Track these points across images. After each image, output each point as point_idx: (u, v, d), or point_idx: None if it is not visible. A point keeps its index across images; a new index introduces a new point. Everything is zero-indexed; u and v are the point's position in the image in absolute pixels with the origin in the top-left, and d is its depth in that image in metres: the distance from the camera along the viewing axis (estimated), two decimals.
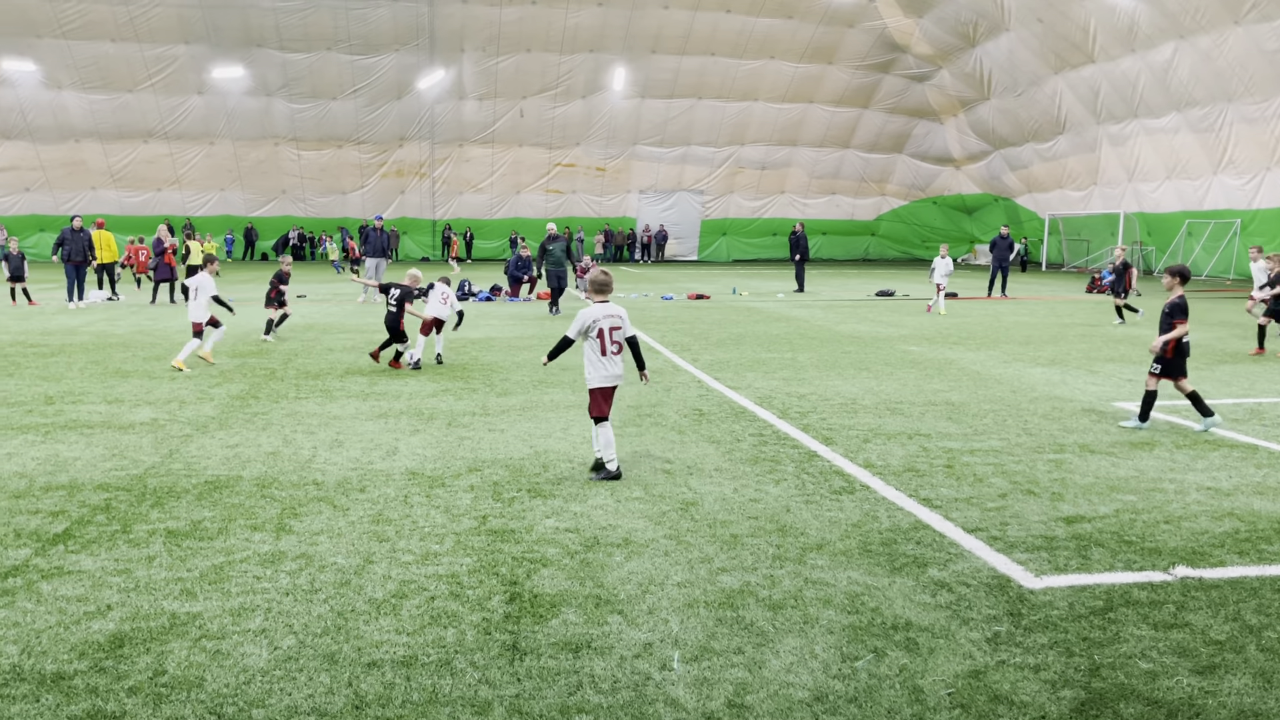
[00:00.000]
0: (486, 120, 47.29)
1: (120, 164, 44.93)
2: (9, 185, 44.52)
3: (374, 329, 17.87)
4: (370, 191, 48.26)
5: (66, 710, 3.90)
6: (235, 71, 42.96)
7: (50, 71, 41.44)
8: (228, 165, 46.37)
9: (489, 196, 49.86)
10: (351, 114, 45.53)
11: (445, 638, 4.62)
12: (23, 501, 6.81)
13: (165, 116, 43.82)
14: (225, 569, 5.52)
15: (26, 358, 13.84)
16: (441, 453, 8.43)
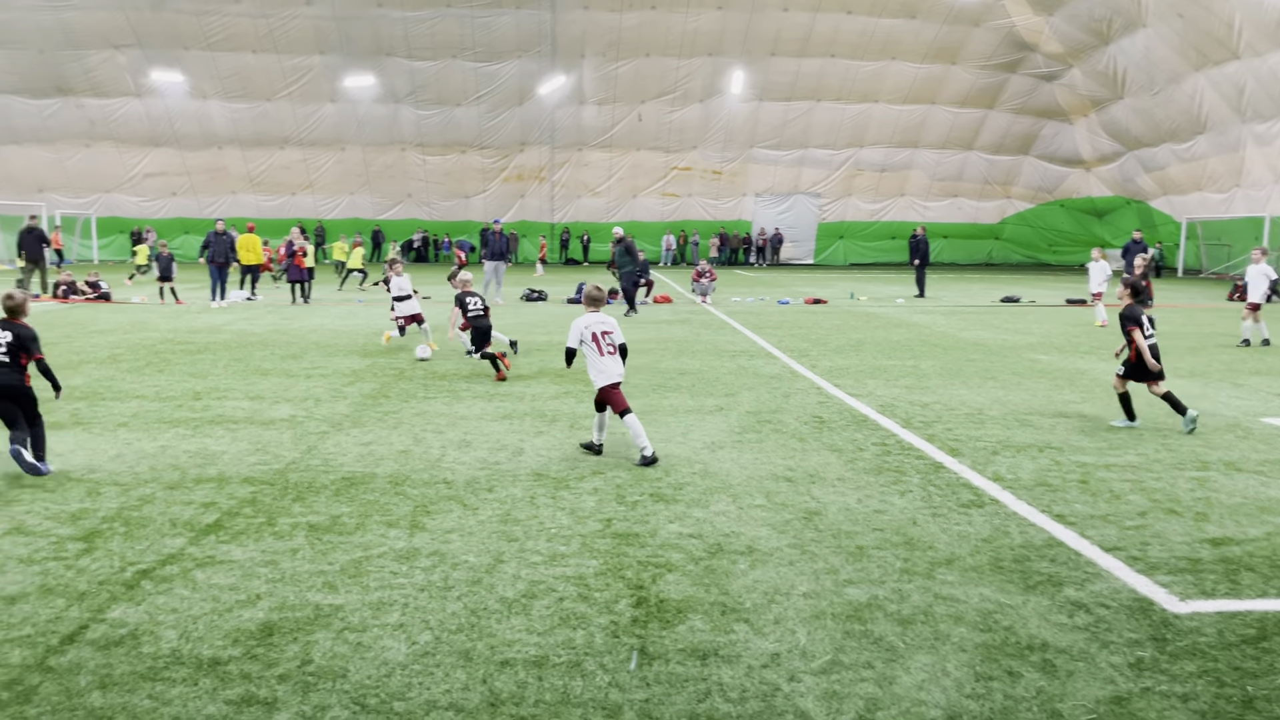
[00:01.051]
0: (605, 125, 47.82)
1: (258, 169, 47.13)
2: (158, 190, 47.21)
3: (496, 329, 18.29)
4: (492, 195, 49.35)
5: (223, 694, 4.13)
6: (366, 80, 44.53)
7: (196, 82, 43.74)
8: (357, 170, 48.10)
9: (606, 200, 50.39)
10: (475, 120, 46.65)
11: (575, 639, 4.71)
12: (177, 493, 7.22)
13: (300, 124, 45.73)
14: (363, 563, 5.75)
15: (175, 354, 14.65)
16: (565, 455, 8.57)
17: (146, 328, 18.36)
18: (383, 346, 15.95)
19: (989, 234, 53.46)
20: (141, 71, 43.21)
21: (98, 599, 5.13)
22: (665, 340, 17.24)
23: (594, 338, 8.35)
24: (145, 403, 10.75)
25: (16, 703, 4.01)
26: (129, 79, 43.47)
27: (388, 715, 3.97)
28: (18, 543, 6.00)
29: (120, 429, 9.41)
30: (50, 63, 42.42)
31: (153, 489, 7.29)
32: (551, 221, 50.36)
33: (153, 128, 45.11)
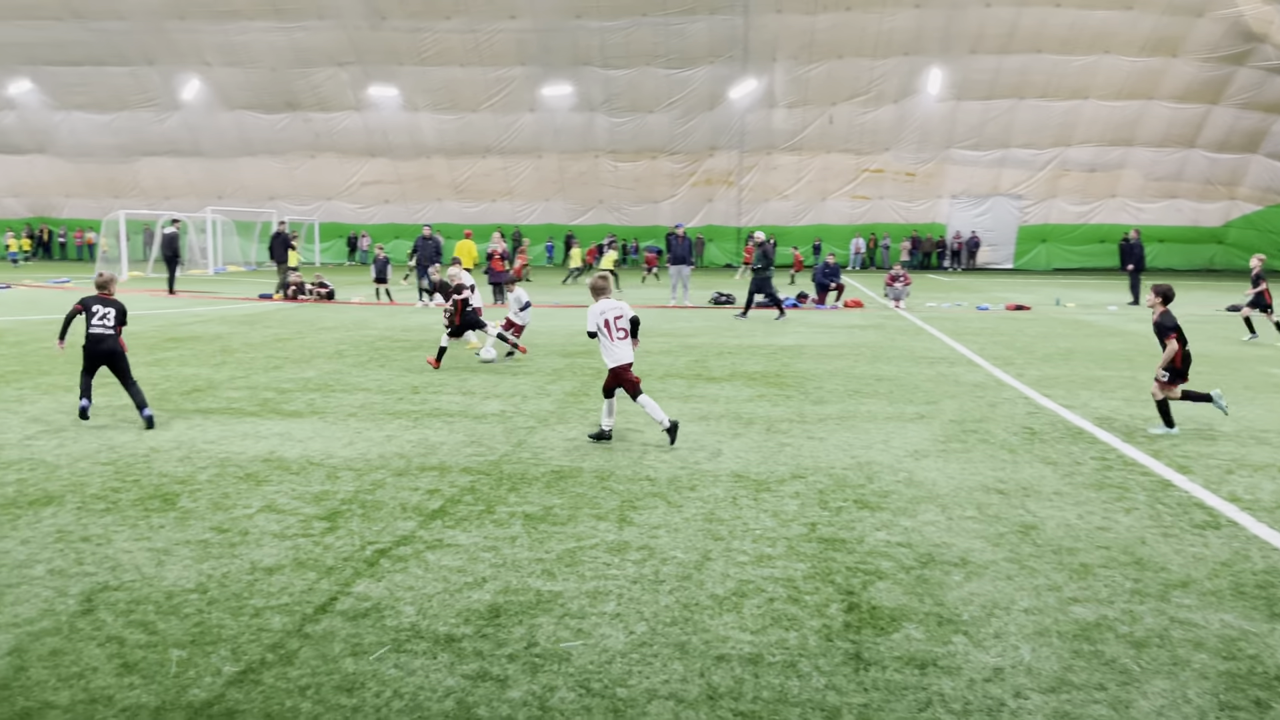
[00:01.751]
0: (795, 127, 47.44)
1: (462, 177, 49.50)
2: (372, 197, 50.41)
3: (685, 332, 18.53)
4: (680, 200, 49.87)
5: (460, 669, 4.41)
6: (563, 89, 45.98)
7: (409, 96, 46.40)
8: (552, 177, 49.70)
9: (794, 203, 49.97)
10: (665, 126, 47.29)
11: (788, 640, 4.75)
12: (404, 479, 7.72)
13: (501, 133, 47.71)
14: (577, 554, 5.98)
15: (393, 351, 15.61)
16: (764, 457, 8.60)
17: (366, 326, 19.64)
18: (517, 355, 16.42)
19: (1211, 238, 49.60)
20: (361, 87, 46.22)
21: (343, 574, 5.57)
22: (859, 345, 16.97)
23: (605, 324, 9.05)
24: (370, 395, 11.52)
25: (280, 664, 4.42)
26: (350, 94, 46.59)
27: (611, 700, 4.14)
28: (271, 519, 6.58)
29: (350, 418, 10.13)
30: (281, 80, 46.01)
31: (383, 475, 7.82)
32: (738, 225, 50.39)
33: (369, 139, 48.19)
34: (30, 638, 4.63)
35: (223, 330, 18.38)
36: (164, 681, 4.22)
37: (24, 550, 5.87)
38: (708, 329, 19.65)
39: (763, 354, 15.68)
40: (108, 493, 7.16)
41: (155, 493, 7.18)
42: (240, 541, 6.10)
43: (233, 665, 4.39)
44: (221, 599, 5.16)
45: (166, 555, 5.82)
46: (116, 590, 5.25)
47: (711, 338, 18.01)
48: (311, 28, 43.63)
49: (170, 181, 50.42)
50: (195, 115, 47.76)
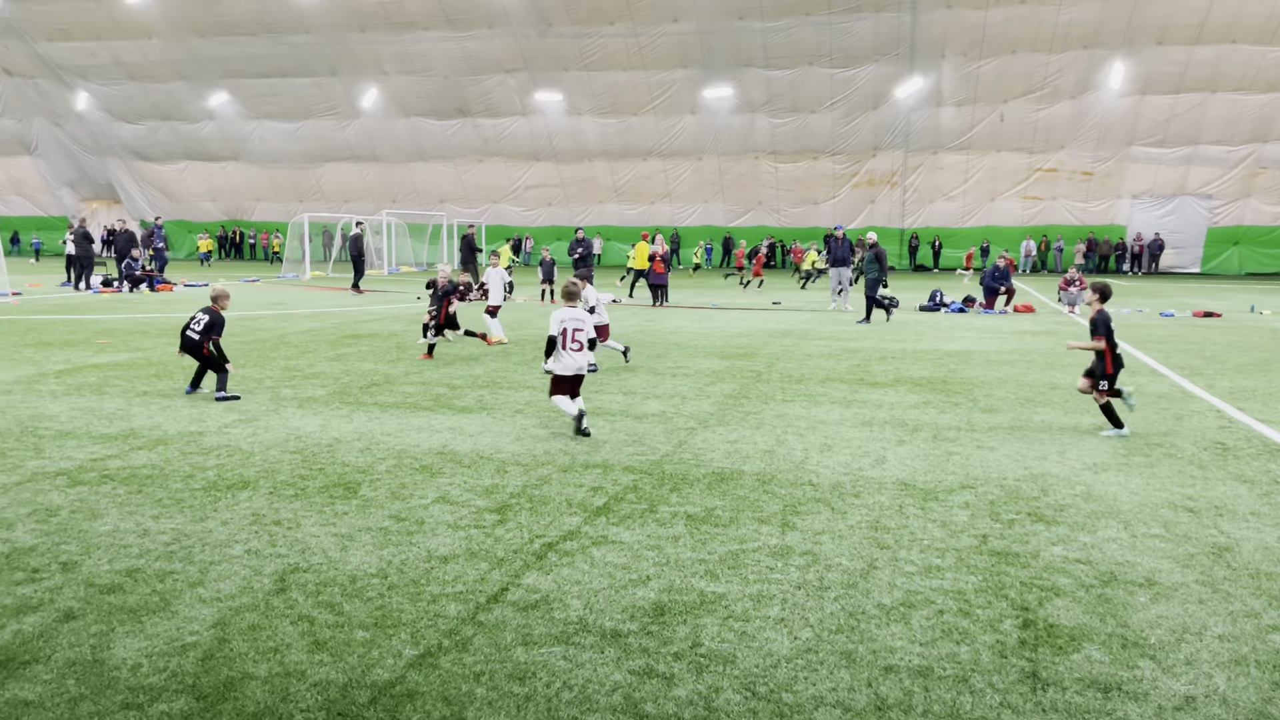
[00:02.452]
0: (963, 126, 45.90)
1: (622, 180, 50.25)
2: (535, 200, 51.84)
3: (846, 335, 18.22)
4: (841, 201, 49.07)
5: (626, 664, 4.48)
6: (724, 91, 45.99)
7: (573, 100, 47.44)
8: (712, 179, 49.80)
9: (961, 204, 48.36)
10: (828, 126, 46.63)
11: (959, 654, 4.61)
12: (569, 475, 7.90)
13: (661, 136, 48.15)
14: (740, 556, 5.97)
15: None
16: (931, 466, 8.37)
17: (530, 325, 20.18)
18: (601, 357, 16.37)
19: None
20: (527, 92, 47.56)
21: (513, 565, 5.74)
22: (1030, 352, 16.28)
23: (564, 333, 9.25)
24: (534, 393, 11.84)
25: (456, 650, 4.60)
26: (517, 100, 48.02)
27: (777, 704, 4.11)
28: (445, 510, 6.86)
29: (517, 415, 10.44)
30: (453, 87, 47.87)
31: (549, 471, 8.03)
32: (901, 227, 49.17)
33: (534, 143, 49.55)
34: (231, 612, 4.98)
35: (397, 328, 19.26)
36: (350, 660, 4.46)
37: (224, 531, 6.32)
38: (870, 332, 19.26)
39: (928, 359, 15.25)
40: (296, 480, 7.62)
41: (339, 481, 7.59)
42: (417, 530, 6.38)
43: (412, 649, 4.60)
44: (400, 584, 5.41)
45: (350, 541, 6.15)
46: (306, 572, 5.59)
47: (874, 342, 17.65)
48: (482, 36, 45.19)
49: (349, 186, 53.24)
50: (373, 122, 50.24)
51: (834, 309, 24.86)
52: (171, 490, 7.25)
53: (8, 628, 4.75)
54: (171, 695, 4.09)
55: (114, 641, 4.60)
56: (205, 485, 7.41)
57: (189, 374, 12.03)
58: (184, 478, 7.63)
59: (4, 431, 9.29)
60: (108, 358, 14.32)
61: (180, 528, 6.35)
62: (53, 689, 4.13)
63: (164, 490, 7.25)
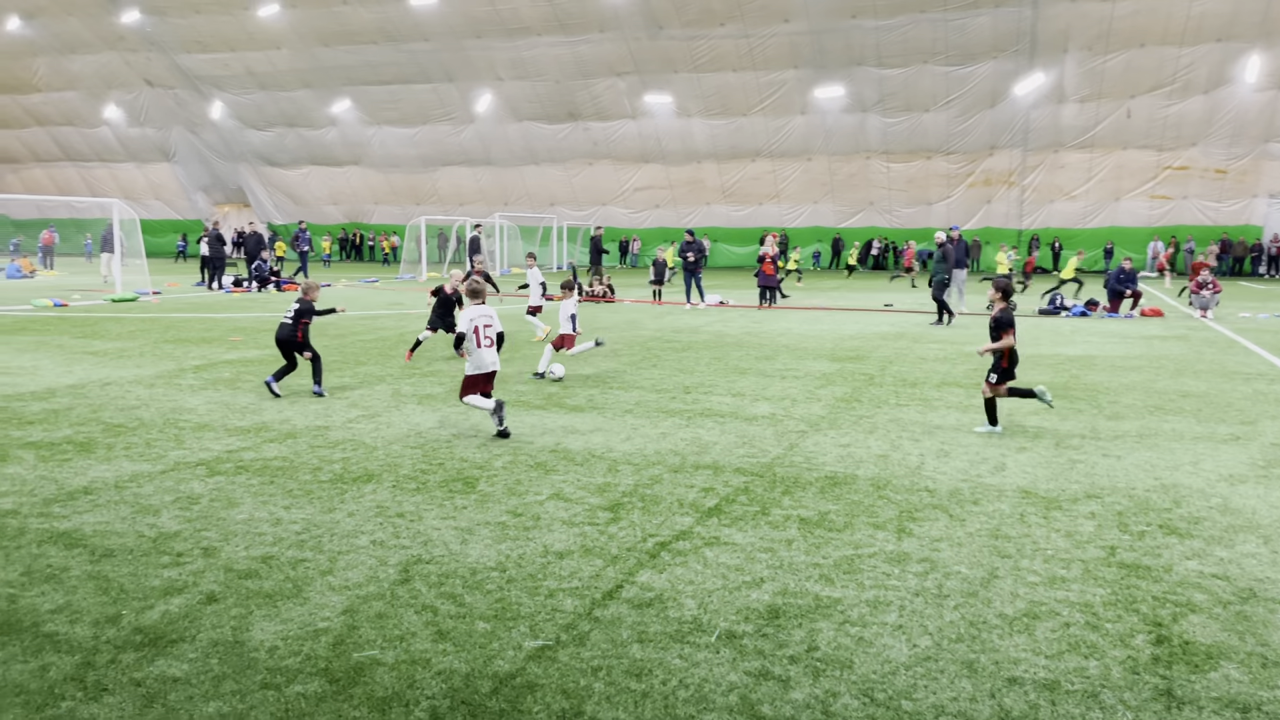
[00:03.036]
0: (1087, 123, 44.24)
1: (731, 181, 50.11)
2: (643, 202, 52.11)
3: (962, 339, 17.77)
4: (955, 201, 47.89)
5: (741, 666, 4.49)
6: (835, 91, 45.40)
7: (682, 102, 47.54)
8: (821, 179, 49.22)
9: (1083, 204, 46.62)
10: (942, 125, 45.57)
11: (1088, 668, 4.47)
12: (680, 475, 7.93)
13: (771, 136, 47.83)
14: (855, 561, 5.91)
15: (665, 351, 16.06)
16: (1053, 474, 8.12)
17: (638, 326, 20.32)
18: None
19: None
20: (637, 95, 47.86)
21: (627, 563, 5.81)
22: (1159, 358, 15.61)
23: (475, 330, 9.40)
24: (644, 393, 11.92)
25: (574, 644, 4.68)
26: (626, 102, 48.37)
27: (896, 711, 4.06)
28: (559, 507, 6.98)
29: (627, 415, 10.53)
30: (564, 91, 48.53)
31: (659, 470, 8.08)
32: (1019, 228, 47.70)
33: (643, 145, 49.82)
34: (359, 600, 5.17)
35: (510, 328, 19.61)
36: (472, 651, 4.58)
37: (351, 522, 6.56)
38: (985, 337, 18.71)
39: (1048, 364, 14.78)
40: (417, 474, 7.85)
41: (457, 476, 7.80)
42: (533, 526, 6.51)
43: (531, 641, 4.69)
44: (519, 578, 5.53)
45: (469, 534, 6.31)
46: (428, 563, 5.76)
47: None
48: (593, 40, 45.67)
49: (463, 189, 54.51)
50: (486, 127, 51.30)
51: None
52: (301, 481, 7.57)
53: (156, 608, 5.04)
54: (306, 677, 4.28)
55: (252, 624, 4.84)
56: (332, 477, 7.71)
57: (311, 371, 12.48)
58: (312, 470, 7.95)
59: (149, 423, 9.84)
60: (240, 354, 15.00)
61: (310, 518, 6.62)
62: (198, 667, 4.37)
63: (294, 481, 7.57)
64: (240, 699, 4.07)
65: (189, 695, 4.10)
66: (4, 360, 14.16)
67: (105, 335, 17.51)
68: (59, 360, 14.22)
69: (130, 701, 4.04)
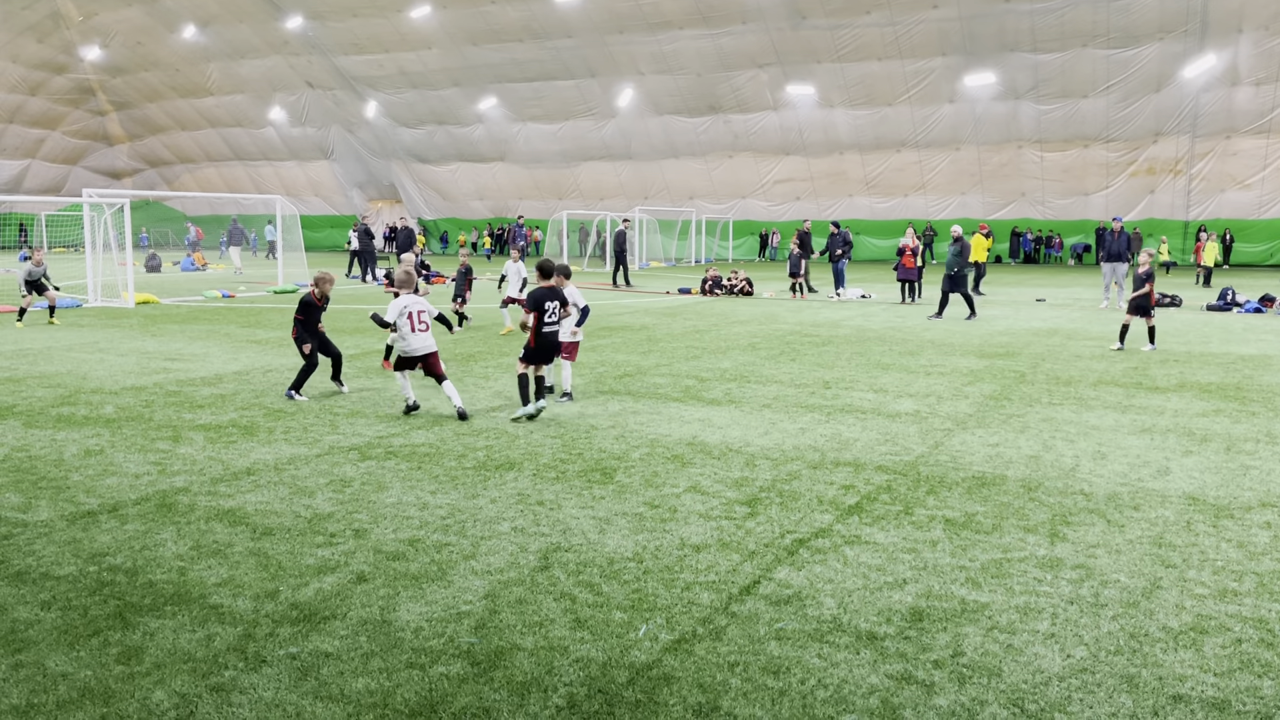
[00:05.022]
0: (1263, 108, 41.26)
1: (874, 173, 48.99)
2: (783, 195, 51.53)
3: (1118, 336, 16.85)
4: (1115, 191, 45.48)
5: (883, 668, 4.36)
6: (987, 78, 43.77)
7: (824, 92, 46.76)
8: (970, 170, 47.56)
9: (1258, 194, 43.51)
10: (1102, 111, 43.34)
11: (1261, 688, 4.15)
12: (819, 472, 7.79)
13: (917, 126, 46.51)
14: (1004, 565, 5.67)
15: (804, 346, 15.83)
16: (1223, 480, 7.60)
17: (776, 320, 20.11)
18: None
19: None
20: (779, 86, 47.34)
21: (765, 559, 5.73)
22: None
23: (409, 316, 9.90)
24: (782, 388, 11.78)
25: (710, 639, 4.65)
26: (768, 94, 47.91)
27: None
28: (696, 499, 6.96)
29: (765, 409, 10.42)
30: (705, 84, 48.45)
31: (798, 466, 7.96)
32: (1185, 219, 44.94)
33: (784, 137, 49.25)
34: (500, 585, 5.28)
35: (648, 321, 19.74)
36: (609, 640, 4.61)
37: (493, 508, 6.71)
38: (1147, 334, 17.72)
39: (1218, 363, 13.87)
40: (557, 463, 7.97)
41: (596, 466, 7.87)
42: (670, 518, 6.51)
43: (668, 633, 4.69)
44: (655, 570, 5.53)
45: (607, 524, 6.36)
46: (567, 551, 5.83)
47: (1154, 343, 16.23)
48: (735, 32, 45.40)
49: (604, 184, 55.12)
50: (627, 121, 51.71)
51: (1105, 307, 23.10)
52: (446, 468, 7.79)
53: (311, 585, 5.26)
54: (449, 659, 4.39)
55: (399, 605, 5.00)
56: (476, 465, 7.90)
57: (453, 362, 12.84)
58: (457, 457, 8.17)
59: (305, 408, 10.32)
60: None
61: (454, 503, 6.80)
62: (348, 644, 4.54)
63: (440, 468, 7.80)
64: (387, 676, 4.21)
65: (339, 671, 4.26)
66: (178, 347, 15.12)
67: (268, 325, 18.49)
68: (226, 348, 15.08)
69: (286, 674, 4.23)
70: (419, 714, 3.89)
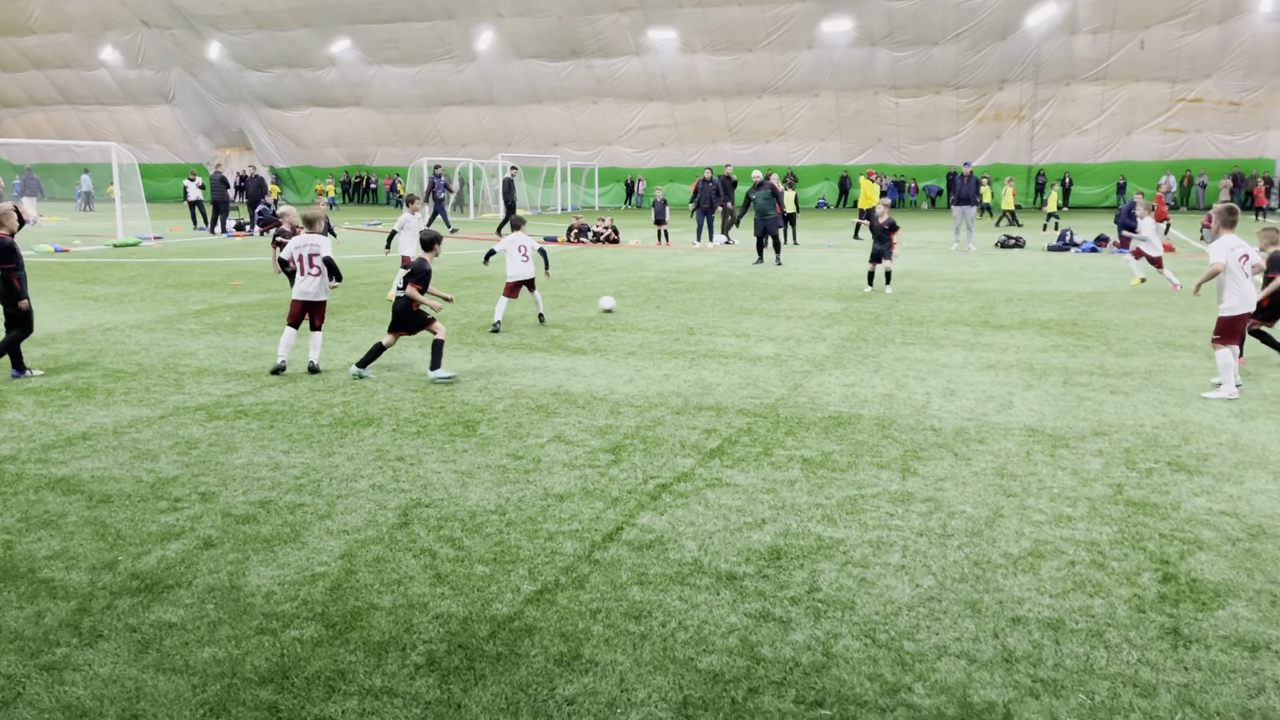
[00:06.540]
0: (1099, 55, 43.33)
1: (737, 119, 49.37)
2: (648, 141, 51.43)
3: (970, 276, 17.58)
4: (965, 137, 47.17)
5: (742, 607, 4.44)
6: (843, 24, 44.47)
7: (686, 37, 46.63)
8: (829, 116, 48.45)
9: (1094, 139, 45.86)
10: (952, 59, 44.69)
11: (1093, 607, 4.41)
12: (682, 417, 7.86)
13: (777, 72, 46.98)
14: (859, 501, 5.85)
15: (670, 292, 15.91)
16: (1060, 411, 8.03)
17: (643, 268, 20.14)
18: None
19: None
20: (641, 31, 46.93)
21: (628, 505, 5.75)
22: (1170, 294, 15.43)
23: (300, 258, 9.46)
24: (647, 335, 11.82)
25: (573, 587, 4.64)
26: (630, 38, 47.47)
27: (898, 653, 4.01)
28: (560, 449, 6.92)
29: (630, 357, 10.44)
30: (566, 27, 47.62)
31: (662, 412, 8.00)
32: (1029, 164, 47.05)
33: (648, 83, 49.01)
34: (358, 544, 5.13)
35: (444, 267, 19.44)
36: (470, 594, 4.54)
37: (350, 466, 6.51)
38: (994, 274, 18.55)
39: (1057, 301, 14.62)
40: (418, 417, 7.79)
41: (458, 419, 7.73)
42: (534, 469, 6.45)
43: (530, 584, 4.65)
44: (519, 521, 5.48)
45: (469, 478, 6.26)
46: (428, 507, 5.71)
47: (999, 283, 17.01)
48: None
49: (466, 129, 53.82)
50: (488, 65, 50.48)
51: (955, 249, 24.03)
52: (301, 426, 7.51)
53: (153, 553, 5.00)
54: (302, 622, 4.24)
55: (249, 569, 4.80)
56: (332, 421, 7.65)
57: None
58: (312, 414, 7.89)
59: (149, 368, 9.78)
60: (241, 298, 14.90)
61: (309, 462, 6.57)
62: (194, 613, 4.33)
63: (294, 426, 7.52)
64: (236, 644, 4.04)
65: (184, 641, 4.07)
66: None
67: (106, 280, 17.42)
68: (60, 306, 14.14)
69: (126, 647, 4.01)
70: (270, 680, 3.76)
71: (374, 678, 3.78)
